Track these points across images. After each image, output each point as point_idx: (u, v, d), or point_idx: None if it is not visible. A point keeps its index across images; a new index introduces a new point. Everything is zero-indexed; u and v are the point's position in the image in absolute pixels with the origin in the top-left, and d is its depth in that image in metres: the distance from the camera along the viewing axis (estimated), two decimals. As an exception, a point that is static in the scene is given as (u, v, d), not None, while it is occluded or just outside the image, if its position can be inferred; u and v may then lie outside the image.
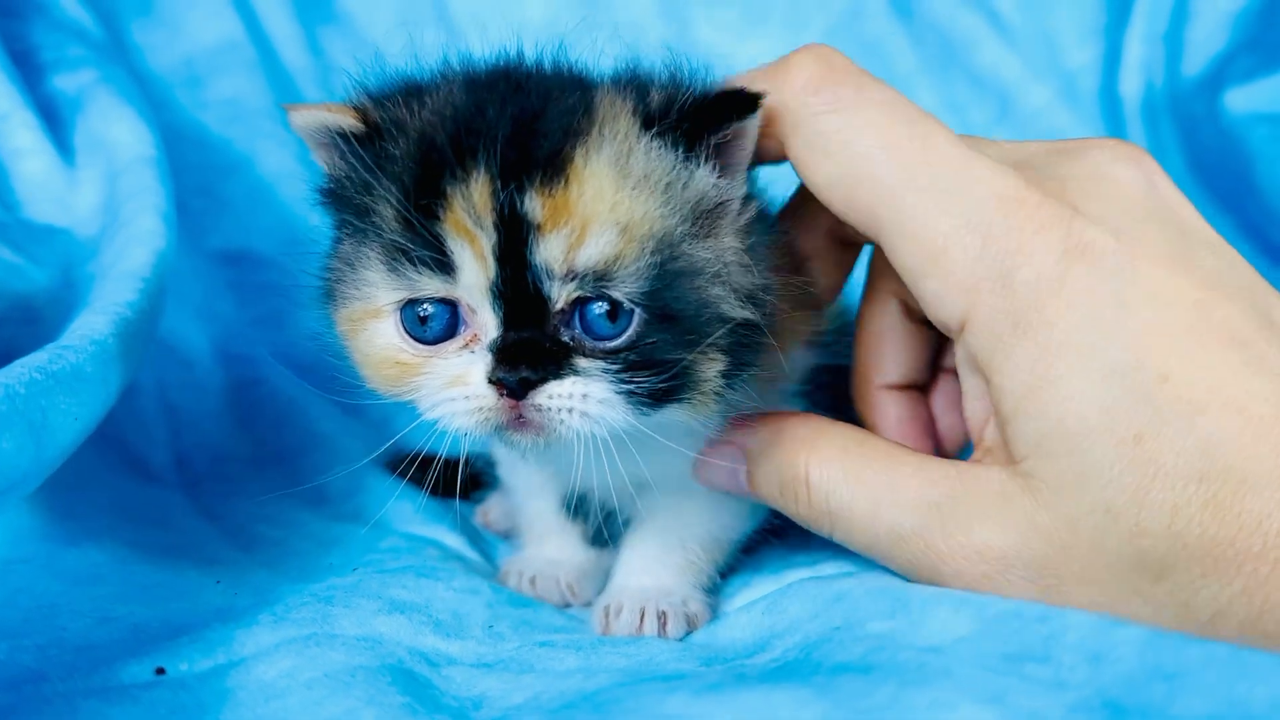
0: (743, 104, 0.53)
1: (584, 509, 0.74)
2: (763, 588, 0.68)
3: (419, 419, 0.57)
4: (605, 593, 0.69)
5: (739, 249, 0.55)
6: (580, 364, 0.53)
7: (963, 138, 0.55)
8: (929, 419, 0.66)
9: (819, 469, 0.57)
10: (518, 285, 0.52)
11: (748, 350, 0.55)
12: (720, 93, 0.54)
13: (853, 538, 0.57)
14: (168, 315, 0.86)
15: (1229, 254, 0.52)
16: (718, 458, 0.62)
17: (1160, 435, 0.46)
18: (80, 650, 0.55)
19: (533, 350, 0.52)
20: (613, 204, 0.51)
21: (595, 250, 0.51)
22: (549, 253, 0.51)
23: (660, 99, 0.54)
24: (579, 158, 0.51)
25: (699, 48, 1.32)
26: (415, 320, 0.55)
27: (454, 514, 0.87)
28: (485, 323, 0.54)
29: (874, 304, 0.65)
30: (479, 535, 0.87)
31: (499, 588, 0.71)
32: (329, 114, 0.56)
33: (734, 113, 0.54)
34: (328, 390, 0.62)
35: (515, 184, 0.51)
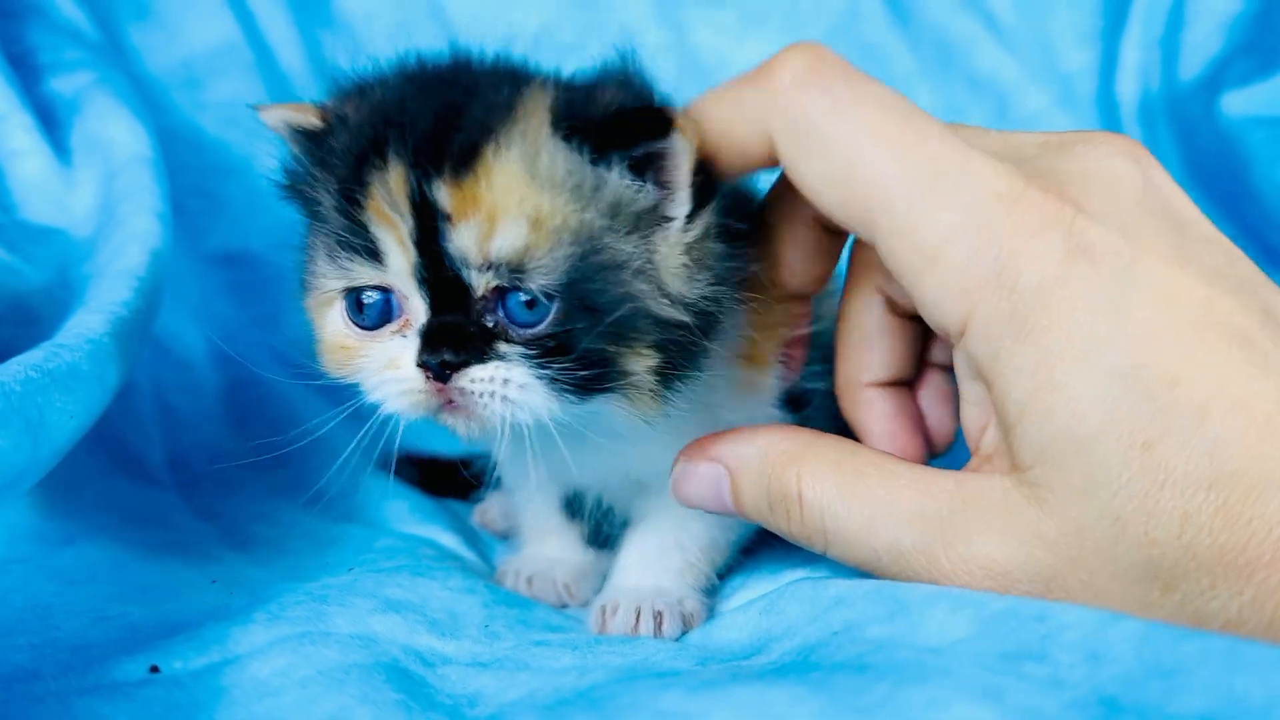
0: (653, 124, 0.53)
1: (583, 510, 0.74)
2: (759, 588, 0.67)
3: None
4: (602, 592, 0.69)
5: (678, 256, 0.55)
6: (503, 349, 0.54)
7: (955, 128, 0.53)
8: (917, 415, 0.64)
9: (812, 485, 0.55)
10: (439, 273, 0.54)
11: (683, 351, 0.55)
12: (618, 110, 0.54)
13: (850, 555, 0.55)
14: (165, 316, 0.86)
15: (1228, 249, 0.50)
16: (697, 474, 0.60)
17: (1169, 440, 0.45)
18: (75, 649, 0.55)
19: (457, 335, 0.54)
20: (520, 198, 0.52)
21: (505, 242, 0.52)
22: (462, 241, 0.53)
23: (567, 104, 0.54)
24: (490, 152, 0.53)
25: (697, 51, 1.32)
26: (355, 306, 0.57)
27: (450, 514, 0.87)
28: (416, 309, 0.56)
29: (856, 300, 0.62)
30: (475, 535, 0.87)
31: (495, 587, 0.71)
32: (291, 112, 0.60)
33: (641, 132, 0.53)
34: (324, 391, 0.62)
35: (424, 173, 0.53)
